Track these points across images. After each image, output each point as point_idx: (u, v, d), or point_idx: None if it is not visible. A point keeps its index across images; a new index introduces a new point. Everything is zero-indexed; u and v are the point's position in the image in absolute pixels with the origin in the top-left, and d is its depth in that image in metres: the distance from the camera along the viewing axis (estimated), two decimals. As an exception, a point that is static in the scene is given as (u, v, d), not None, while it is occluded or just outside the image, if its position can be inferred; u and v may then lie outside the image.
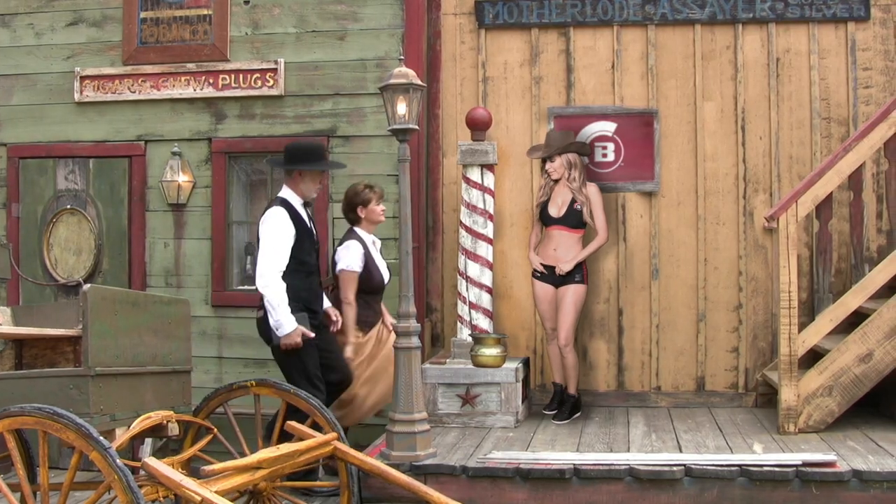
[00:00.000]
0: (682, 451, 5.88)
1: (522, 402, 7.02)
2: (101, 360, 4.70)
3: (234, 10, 7.83)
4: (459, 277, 7.31)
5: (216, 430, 5.52)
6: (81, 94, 7.95)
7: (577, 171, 7.18)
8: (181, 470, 4.83)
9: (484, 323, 7.29)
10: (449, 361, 7.03)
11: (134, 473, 4.18)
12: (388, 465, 5.36)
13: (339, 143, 7.64)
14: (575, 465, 5.44)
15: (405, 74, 5.76)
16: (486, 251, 7.28)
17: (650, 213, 7.63)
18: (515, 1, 7.74)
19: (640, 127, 7.65)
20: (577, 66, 7.74)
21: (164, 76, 7.85)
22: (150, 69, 7.86)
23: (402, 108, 5.74)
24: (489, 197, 7.30)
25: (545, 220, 7.25)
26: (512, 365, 6.97)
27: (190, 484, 4.20)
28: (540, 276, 7.22)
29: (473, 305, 7.27)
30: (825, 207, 6.49)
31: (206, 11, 7.86)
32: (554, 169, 7.18)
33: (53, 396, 4.55)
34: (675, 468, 5.31)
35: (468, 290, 7.25)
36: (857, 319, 6.28)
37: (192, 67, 7.81)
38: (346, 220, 6.94)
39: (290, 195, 6.45)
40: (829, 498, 5.17)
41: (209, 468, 4.42)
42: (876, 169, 7.28)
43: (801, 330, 6.24)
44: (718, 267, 7.57)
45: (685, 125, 7.62)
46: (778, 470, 5.23)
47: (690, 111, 7.61)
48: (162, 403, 5.28)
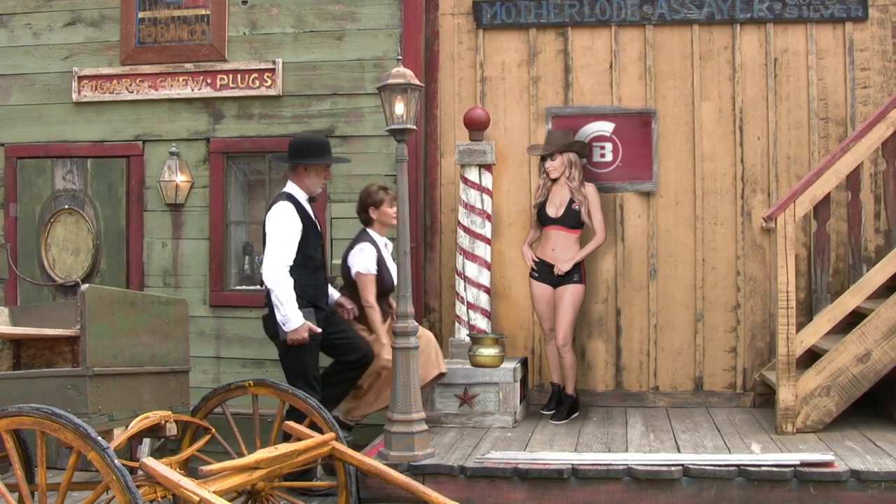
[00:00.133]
0: (680, 451, 5.88)
1: (520, 402, 7.01)
2: (99, 360, 4.70)
3: (231, 10, 7.83)
4: (457, 277, 7.32)
5: (214, 430, 5.52)
6: (79, 94, 7.95)
7: (576, 170, 7.18)
8: (179, 470, 4.83)
9: (482, 323, 7.29)
10: (447, 361, 7.03)
11: (132, 473, 4.19)
12: (386, 465, 5.36)
13: (337, 143, 7.63)
14: (573, 465, 5.44)
15: (403, 74, 5.76)
16: (484, 251, 7.29)
17: (648, 213, 7.64)
18: (513, 1, 7.74)
19: (638, 127, 7.65)
20: (575, 66, 7.74)
21: (161, 76, 7.85)
22: (147, 69, 7.86)
23: (399, 108, 5.74)
24: (487, 197, 7.31)
25: (543, 220, 7.24)
26: (510, 365, 6.98)
27: (188, 484, 4.20)
28: (537, 276, 7.21)
29: (471, 305, 7.28)
30: (823, 207, 6.49)
31: (203, 11, 7.85)
32: (554, 168, 7.17)
33: (51, 396, 4.54)
34: (673, 468, 5.31)
35: (466, 290, 7.26)
36: (855, 319, 6.28)
37: (189, 67, 7.81)
38: (359, 220, 6.90)
39: (295, 190, 6.39)
40: (826, 498, 5.17)
41: (207, 468, 4.42)
42: (874, 169, 7.29)
43: (799, 330, 6.24)
44: (716, 267, 7.57)
45: (683, 125, 7.62)
46: (776, 470, 5.23)
47: (688, 111, 7.61)
48: (160, 403, 5.28)
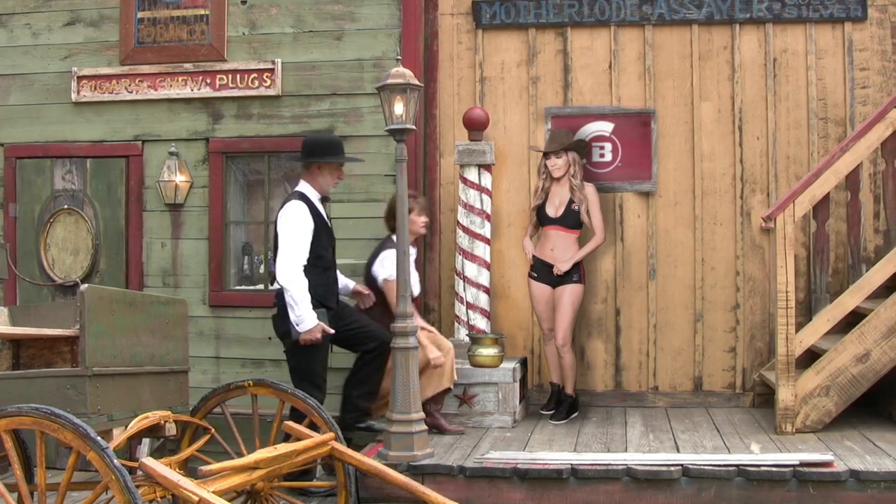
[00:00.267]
0: (679, 451, 5.88)
1: (520, 402, 7.01)
2: (98, 360, 4.70)
3: (231, 10, 7.82)
4: (457, 277, 7.32)
5: (213, 430, 5.52)
6: (78, 94, 7.94)
7: (578, 169, 7.19)
8: (178, 470, 4.83)
9: (481, 323, 7.29)
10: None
11: (131, 473, 4.19)
12: (385, 465, 5.36)
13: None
14: (572, 465, 5.44)
15: (402, 74, 5.76)
16: (483, 251, 7.29)
17: (647, 213, 7.64)
18: (513, 1, 7.74)
19: (637, 127, 7.64)
20: (574, 66, 7.74)
21: (161, 76, 7.84)
22: (147, 69, 7.85)
23: (399, 108, 5.74)
24: (486, 197, 7.31)
25: (542, 220, 7.23)
26: (509, 365, 6.97)
27: (187, 484, 4.20)
28: (536, 276, 7.21)
29: (471, 305, 7.28)
30: (822, 207, 6.49)
31: (203, 11, 7.85)
32: (559, 166, 7.16)
33: (51, 396, 4.55)
34: (672, 468, 5.32)
35: (466, 290, 7.26)
36: (854, 319, 6.28)
37: (189, 67, 7.81)
38: (386, 227, 6.87)
39: (307, 189, 6.38)
40: (826, 498, 5.17)
41: (207, 468, 4.42)
42: (873, 169, 7.29)
43: (798, 330, 6.25)
44: (716, 267, 7.57)
45: (682, 125, 7.62)
46: (775, 470, 5.23)
47: (688, 111, 7.61)
48: (159, 403, 5.28)
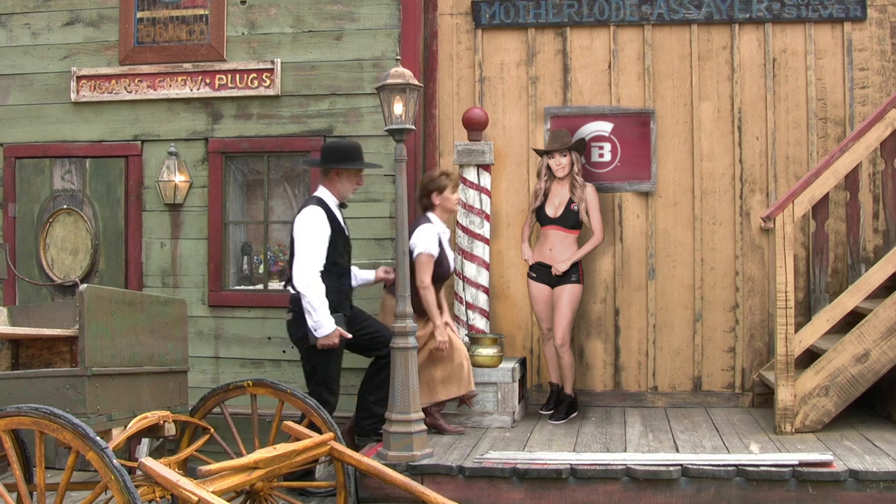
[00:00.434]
0: (678, 451, 5.88)
1: (519, 402, 7.02)
2: (97, 360, 4.70)
3: (230, 10, 7.81)
4: (456, 277, 7.31)
5: (213, 430, 5.52)
6: (78, 93, 7.93)
7: (579, 168, 7.19)
8: (178, 470, 4.83)
9: (480, 323, 7.29)
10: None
11: (131, 473, 4.19)
12: (384, 465, 5.37)
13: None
14: (572, 465, 5.44)
15: (402, 74, 5.76)
16: (482, 251, 7.28)
17: (647, 213, 7.64)
18: (512, 1, 7.74)
19: (636, 127, 7.64)
20: (573, 66, 7.74)
21: (160, 76, 7.84)
22: (146, 69, 7.85)
23: (398, 108, 5.74)
24: (486, 197, 7.30)
25: (541, 219, 7.24)
26: (508, 365, 6.98)
27: (186, 484, 4.20)
28: (535, 276, 7.22)
29: (470, 305, 7.27)
30: (822, 207, 6.50)
31: (202, 11, 7.84)
32: (563, 166, 7.16)
33: (50, 396, 4.55)
34: (671, 468, 5.32)
35: (465, 289, 7.25)
36: (853, 319, 6.29)
37: (188, 67, 7.80)
38: (419, 206, 6.85)
39: (326, 195, 6.39)
40: (825, 498, 5.18)
41: (206, 468, 4.42)
42: (872, 169, 7.29)
43: (797, 330, 6.25)
44: (715, 267, 7.57)
45: (682, 125, 7.62)
46: (774, 470, 5.23)
47: (687, 111, 7.61)
48: (159, 403, 5.28)
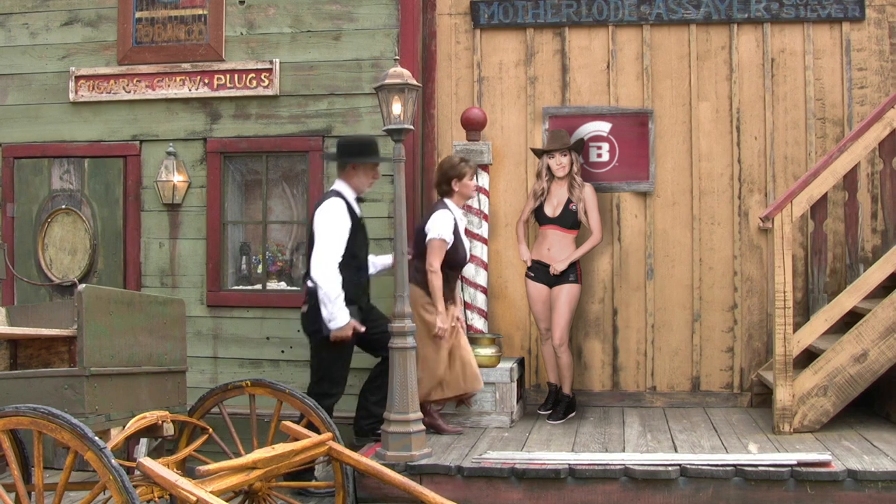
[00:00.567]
0: (677, 451, 5.88)
1: (517, 402, 7.02)
2: (96, 360, 4.69)
3: (229, 9, 7.81)
4: (455, 277, 7.32)
5: (211, 430, 5.52)
6: (76, 93, 7.93)
7: (578, 168, 7.20)
8: (176, 470, 4.82)
9: (479, 323, 7.29)
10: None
11: (129, 474, 4.19)
12: (383, 465, 5.37)
13: (334, 143, 7.60)
14: (570, 465, 5.44)
15: (400, 74, 5.76)
16: (480, 251, 7.28)
17: (645, 213, 7.64)
18: (511, 1, 7.74)
19: (635, 127, 7.64)
20: (572, 66, 7.74)
21: (159, 76, 7.83)
22: (145, 69, 7.84)
23: (397, 108, 5.74)
24: (484, 197, 7.31)
25: (540, 219, 7.24)
26: (507, 365, 6.98)
27: (185, 484, 4.20)
28: (533, 276, 7.22)
29: (468, 305, 7.28)
30: (820, 207, 6.50)
31: (201, 11, 7.84)
32: (563, 165, 7.17)
33: (48, 397, 4.54)
34: (670, 468, 5.32)
35: (463, 290, 7.25)
36: (851, 319, 6.29)
37: (187, 67, 7.80)
38: (437, 191, 6.82)
39: (344, 188, 6.42)
40: (824, 498, 5.18)
41: (204, 468, 4.42)
42: (871, 169, 7.29)
43: (796, 330, 6.25)
44: (713, 267, 7.57)
45: (680, 125, 7.62)
46: (773, 470, 5.24)
47: (685, 111, 7.62)
48: (157, 403, 5.28)
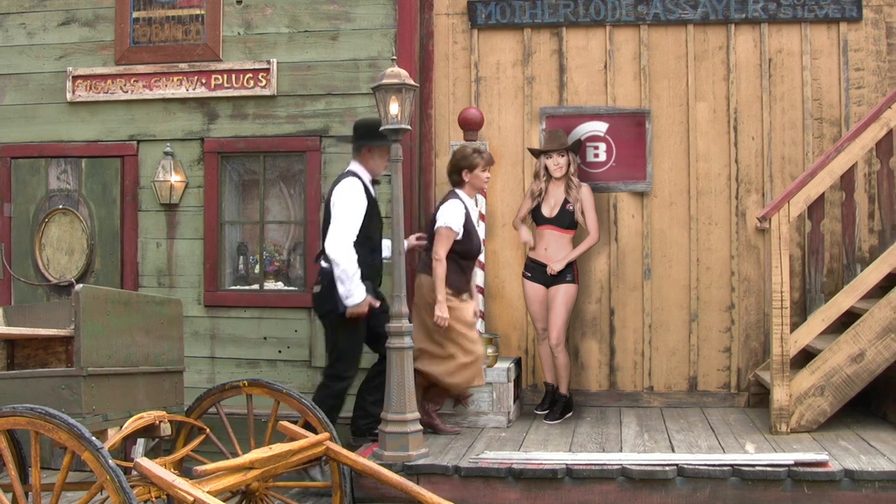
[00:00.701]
0: (674, 450, 5.88)
1: (514, 402, 7.02)
2: (93, 360, 4.69)
3: (226, 9, 7.80)
4: (452, 277, 7.31)
5: (209, 430, 5.52)
6: (74, 93, 7.92)
7: (575, 168, 7.21)
8: (173, 470, 4.82)
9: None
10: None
11: (126, 474, 4.18)
12: (380, 465, 5.36)
13: (331, 142, 7.62)
14: (567, 464, 5.44)
15: (398, 74, 5.76)
16: (478, 251, 7.28)
17: (642, 213, 7.64)
18: (508, 1, 7.74)
19: (632, 127, 7.65)
20: (569, 66, 7.75)
21: (156, 76, 7.82)
22: (142, 69, 7.83)
23: (394, 108, 5.74)
24: (481, 197, 7.30)
25: (537, 219, 7.25)
26: (503, 365, 6.98)
27: (182, 484, 4.20)
28: (530, 276, 7.22)
29: (466, 305, 7.27)
30: (817, 208, 6.50)
31: (198, 11, 7.83)
32: (560, 166, 7.17)
33: (45, 397, 4.54)
34: (667, 468, 5.32)
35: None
36: (848, 319, 6.30)
37: (184, 67, 7.79)
38: (449, 181, 6.82)
39: (359, 170, 6.44)
40: (820, 497, 5.18)
41: (201, 468, 4.42)
42: (868, 169, 7.30)
43: (793, 330, 6.26)
44: (711, 267, 7.58)
45: (677, 125, 7.63)
46: (770, 470, 5.24)
47: (683, 111, 7.62)
48: (154, 403, 5.27)
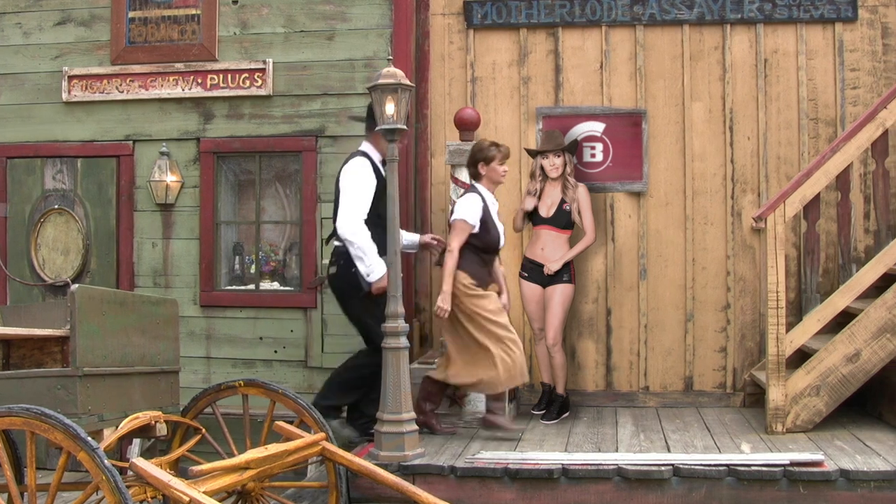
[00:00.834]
0: (670, 450, 5.89)
1: (510, 402, 7.01)
2: (88, 360, 4.69)
3: (222, 9, 7.81)
4: (448, 277, 7.31)
5: (204, 430, 5.51)
6: (69, 93, 7.92)
7: (571, 168, 7.21)
8: (169, 470, 4.82)
9: (473, 323, 7.28)
10: (437, 361, 7.02)
11: (122, 474, 4.17)
12: (376, 465, 5.35)
13: (327, 142, 7.63)
14: (563, 465, 5.44)
15: (394, 74, 5.76)
16: (474, 251, 7.27)
17: (638, 213, 7.64)
18: (504, 1, 7.74)
19: (628, 127, 7.65)
20: (565, 66, 7.75)
21: (152, 76, 7.83)
22: (138, 69, 7.84)
23: (390, 108, 5.73)
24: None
25: (534, 219, 7.25)
26: (501, 365, 6.96)
27: (178, 484, 4.19)
28: (527, 276, 7.22)
29: (462, 305, 7.26)
30: (813, 208, 6.50)
31: (194, 11, 7.84)
32: (556, 166, 7.17)
33: (41, 397, 4.53)
34: (663, 468, 5.32)
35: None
36: (844, 319, 6.30)
37: (180, 67, 7.79)
38: (469, 174, 6.78)
39: (370, 150, 6.44)
40: (816, 497, 5.19)
41: (197, 468, 4.41)
42: (863, 169, 7.31)
43: (788, 330, 6.26)
44: (706, 267, 7.58)
45: (673, 125, 7.63)
46: (766, 469, 5.24)
47: (679, 111, 7.62)
48: (150, 404, 5.27)
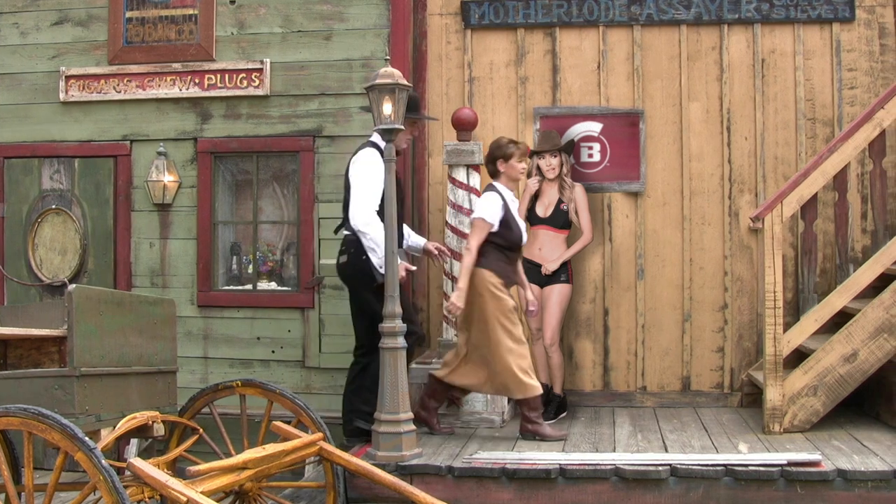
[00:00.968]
0: (667, 450, 5.89)
1: (508, 402, 7.01)
2: (86, 360, 4.69)
3: (219, 9, 7.81)
4: (445, 277, 7.30)
5: (202, 430, 5.51)
6: (67, 93, 7.92)
7: (568, 168, 7.21)
8: (167, 470, 4.82)
9: (470, 323, 7.28)
10: (435, 361, 7.01)
11: (119, 474, 4.18)
12: (373, 465, 5.36)
13: (324, 142, 7.63)
14: (561, 465, 5.44)
15: (391, 74, 5.76)
16: (472, 251, 7.27)
17: (636, 213, 7.65)
18: (501, 1, 7.75)
19: (625, 127, 7.65)
20: (563, 66, 7.75)
21: (149, 76, 7.83)
22: (135, 69, 7.84)
23: (388, 108, 5.74)
24: (475, 197, 7.29)
25: (531, 220, 7.25)
26: (498, 365, 6.96)
27: (175, 484, 4.19)
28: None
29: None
30: (810, 208, 6.51)
31: (191, 11, 7.84)
32: (553, 166, 7.18)
33: (38, 397, 4.53)
34: (660, 468, 5.32)
35: (454, 289, 7.24)
36: (841, 319, 6.30)
37: (177, 67, 7.79)
38: (487, 171, 6.74)
39: (380, 140, 6.30)
40: (813, 497, 5.19)
41: (195, 469, 4.42)
42: (861, 170, 7.32)
43: (786, 330, 6.26)
44: (704, 267, 7.59)
45: (671, 125, 7.63)
46: (763, 469, 5.24)
47: (676, 111, 7.63)
48: (147, 404, 5.27)
